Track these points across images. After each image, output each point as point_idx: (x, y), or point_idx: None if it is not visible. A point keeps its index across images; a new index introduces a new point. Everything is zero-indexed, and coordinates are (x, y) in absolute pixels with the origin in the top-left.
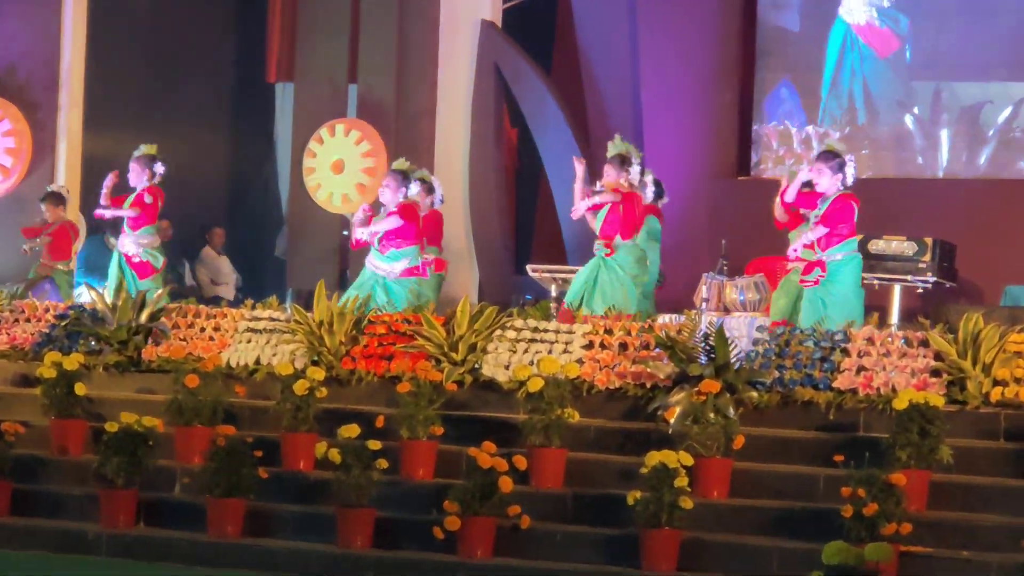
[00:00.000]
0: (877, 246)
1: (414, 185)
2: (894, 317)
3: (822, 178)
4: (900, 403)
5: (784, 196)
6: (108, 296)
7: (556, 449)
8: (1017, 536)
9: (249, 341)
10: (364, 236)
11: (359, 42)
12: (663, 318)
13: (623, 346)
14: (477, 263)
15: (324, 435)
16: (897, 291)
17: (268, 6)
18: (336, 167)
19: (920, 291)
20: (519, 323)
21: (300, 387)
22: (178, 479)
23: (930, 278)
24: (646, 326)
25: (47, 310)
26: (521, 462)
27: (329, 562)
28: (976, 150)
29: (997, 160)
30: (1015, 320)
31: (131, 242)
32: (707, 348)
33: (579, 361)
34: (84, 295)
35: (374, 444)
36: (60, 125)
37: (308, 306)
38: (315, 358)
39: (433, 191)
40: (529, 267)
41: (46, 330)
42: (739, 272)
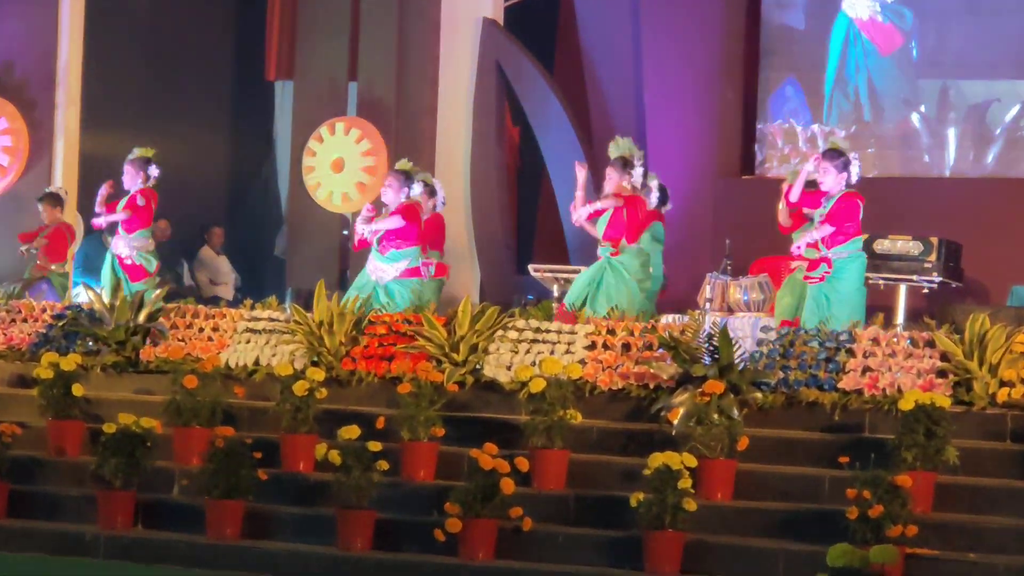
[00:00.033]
0: (882, 246)
1: (416, 186)
2: (900, 317)
3: (827, 176)
4: (906, 404)
5: (788, 196)
6: (105, 296)
7: (558, 450)
8: None
9: (248, 341)
10: (366, 234)
11: (359, 40)
12: (666, 318)
13: (626, 346)
14: (478, 263)
15: (324, 436)
16: (903, 291)
17: (267, 3)
18: (336, 166)
19: (926, 291)
20: (521, 323)
21: (300, 388)
22: (176, 480)
23: (936, 278)
24: (649, 326)
25: (44, 310)
26: (523, 463)
27: (329, 564)
28: (983, 149)
29: (1004, 159)
30: (1022, 320)
31: (124, 244)
32: (711, 348)
33: (581, 362)
34: (82, 295)
35: (374, 445)
36: (57, 124)
37: (308, 306)
38: (315, 359)
39: (435, 194)
40: (531, 267)
41: (43, 330)
42: (743, 272)
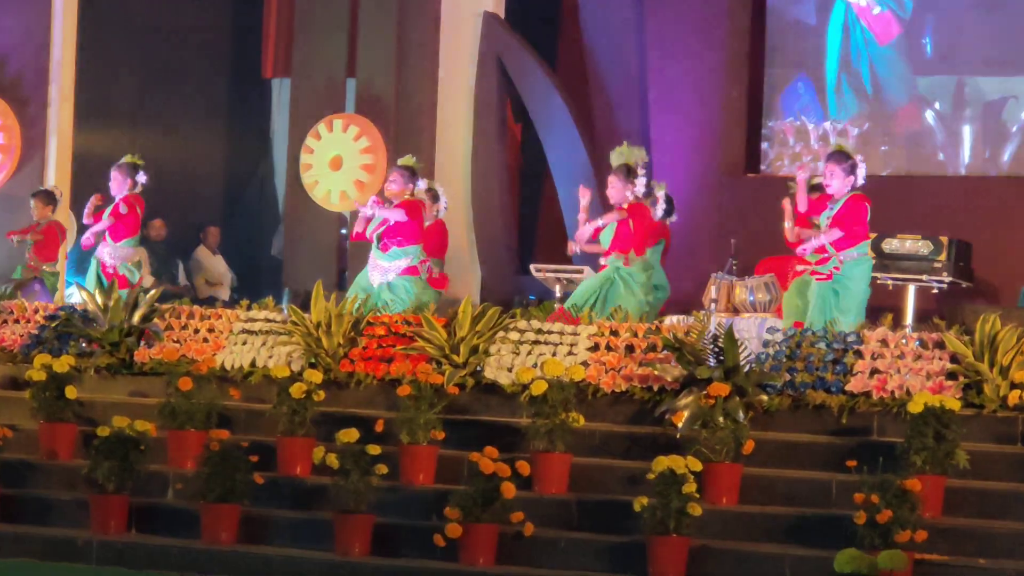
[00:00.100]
0: (891, 245)
1: (422, 183)
2: (909, 318)
3: (834, 180)
4: (915, 406)
5: (797, 209)
6: (98, 297)
7: (560, 454)
8: None
9: (244, 343)
10: (368, 232)
11: (357, 35)
12: (670, 319)
13: (629, 348)
14: (479, 262)
15: (321, 439)
16: (912, 291)
17: None
18: (334, 163)
19: (935, 291)
20: (522, 324)
21: (297, 390)
22: (171, 484)
23: (946, 278)
24: (653, 327)
25: (36, 311)
26: (524, 467)
27: (326, 570)
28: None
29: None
30: None
31: (108, 252)
32: (716, 350)
33: (584, 363)
34: (75, 296)
35: (373, 449)
36: (50, 121)
37: (305, 307)
38: (312, 360)
39: (438, 199)
40: (532, 267)
41: (35, 331)
42: (748, 272)
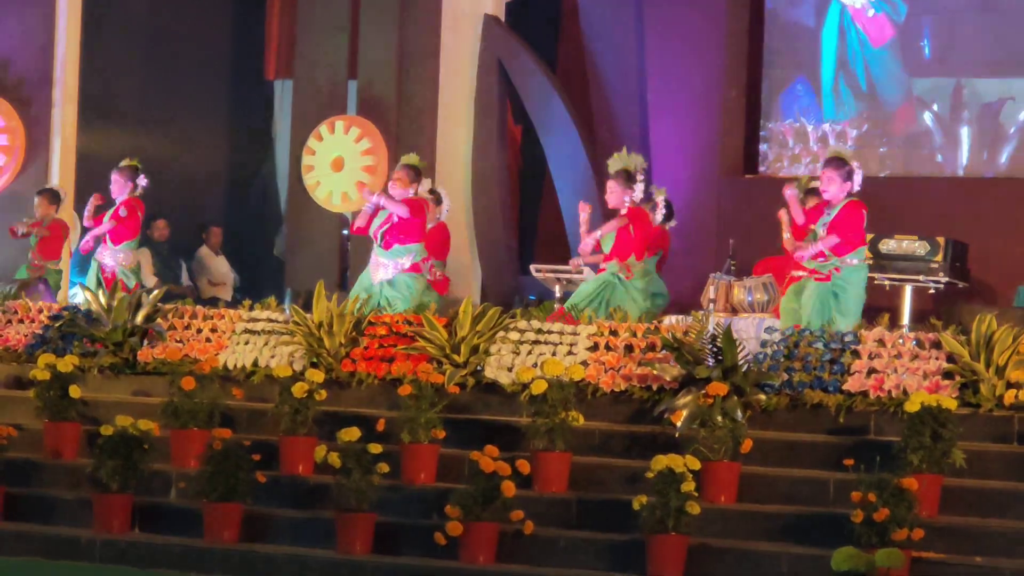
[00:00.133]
0: (888, 245)
1: (426, 182)
2: (905, 318)
3: (831, 185)
4: (912, 406)
5: (796, 223)
6: (102, 297)
7: (560, 453)
8: None
9: (247, 343)
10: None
11: (359, 37)
12: (669, 319)
13: (628, 348)
14: (480, 263)
15: (323, 438)
16: (908, 291)
17: (267, 1)
18: (336, 165)
19: (932, 291)
20: (522, 324)
21: (299, 389)
22: (174, 483)
23: (942, 278)
24: (652, 327)
25: (40, 311)
26: (524, 466)
27: (328, 568)
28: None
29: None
30: None
31: (109, 255)
32: (714, 350)
33: (584, 363)
34: (78, 296)
35: (374, 448)
36: (54, 122)
37: (307, 307)
38: (314, 360)
39: (441, 202)
40: (533, 267)
41: (39, 331)
42: (747, 272)
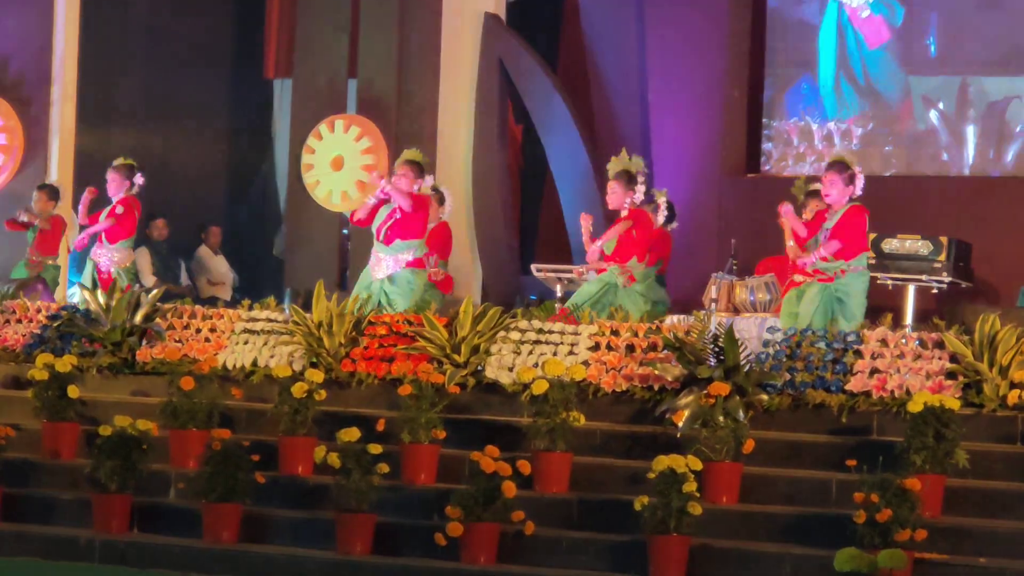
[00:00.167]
0: (891, 245)
1: (429, 178)
2: (908, 318)
3: (833, 189)
4: (915, 406)
5: (798, 238)
6: (100, 297)
7: (561, 453)
8: None
9: (246, 342)
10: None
11: (359, 36)
12: (671, 319)
13: (630, 348)
14: (480, 262)
15: (323, 439)
16: (911, 291)
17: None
18: (335, 164)
19: (935, 291)
20: (523, 324)
21: (298, 390)
22: (173, 484)
23: (945, 278)
24: (653, 327)
25: (39, 311)
26: (525, 467)
27: (328, 569)
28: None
29: None
30: None
31: (104, 254)
32: (716, 350)
33: (585, 363)
34: (77, 295)
35: (374, 448)
36: (53, 121)
37: (307, 307)
38: (314, 360)
39: (444, 202)
40: (533, 267)
41: (38, 331)
42: (749, 272)
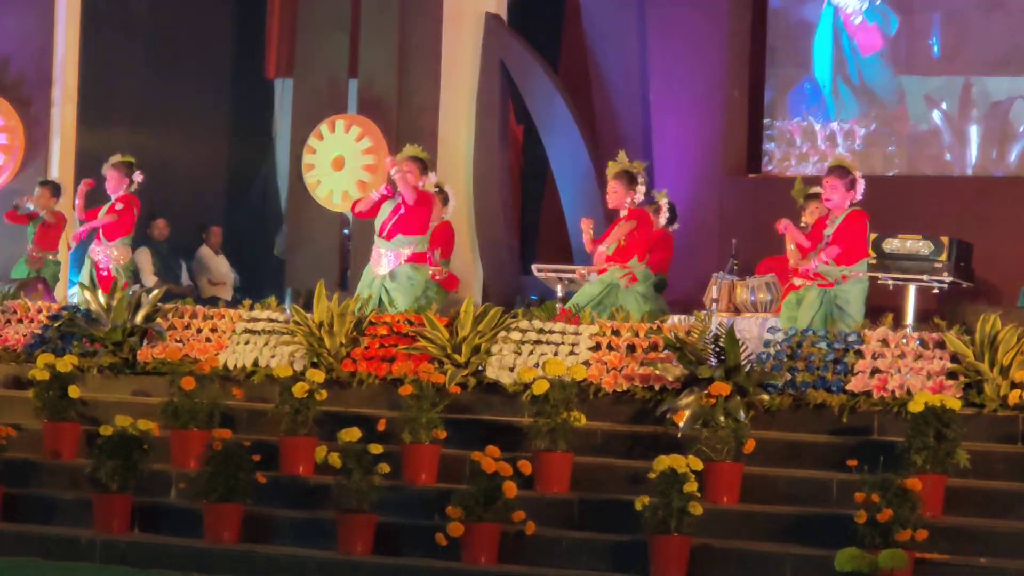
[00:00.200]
0: (892, 245)
1: (432, 175)
2: (909, 318)
3: (834, 194)
4: (915, 406)
5: (803, 249)
6: (101, 297)
7: (562, 453)
8: None
9: (247, 342)
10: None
11: (360, 36)
12: (672, 319)
13: (631, 348)
14: (481, 263)
15: (324, 439)
16: (912, 291)
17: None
18: (336, 164)
19: (936, 291)
20: (524, 324)
21: (299, 390)
22: (174, 484)
23: (946, 278)
24: (654, 327)
25: (40, 311)
26: (526, 467)
27: (329, 569)
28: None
29: None
30: None
31: (102, 251)
32: (717, 350)
33: (586, 363)
34: (77, 295)
35: (375, 448)
36: (53, 121)
37: (308, 306)
38: (315, 360)
39: (447, 202)
40: (534, 267)
41: (39, 331)
42: (750, 272)
